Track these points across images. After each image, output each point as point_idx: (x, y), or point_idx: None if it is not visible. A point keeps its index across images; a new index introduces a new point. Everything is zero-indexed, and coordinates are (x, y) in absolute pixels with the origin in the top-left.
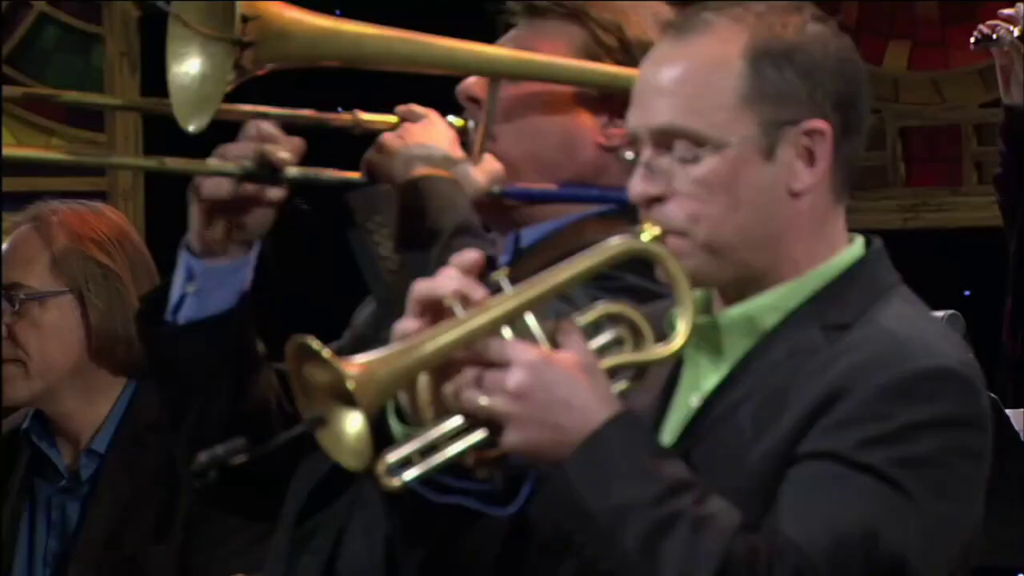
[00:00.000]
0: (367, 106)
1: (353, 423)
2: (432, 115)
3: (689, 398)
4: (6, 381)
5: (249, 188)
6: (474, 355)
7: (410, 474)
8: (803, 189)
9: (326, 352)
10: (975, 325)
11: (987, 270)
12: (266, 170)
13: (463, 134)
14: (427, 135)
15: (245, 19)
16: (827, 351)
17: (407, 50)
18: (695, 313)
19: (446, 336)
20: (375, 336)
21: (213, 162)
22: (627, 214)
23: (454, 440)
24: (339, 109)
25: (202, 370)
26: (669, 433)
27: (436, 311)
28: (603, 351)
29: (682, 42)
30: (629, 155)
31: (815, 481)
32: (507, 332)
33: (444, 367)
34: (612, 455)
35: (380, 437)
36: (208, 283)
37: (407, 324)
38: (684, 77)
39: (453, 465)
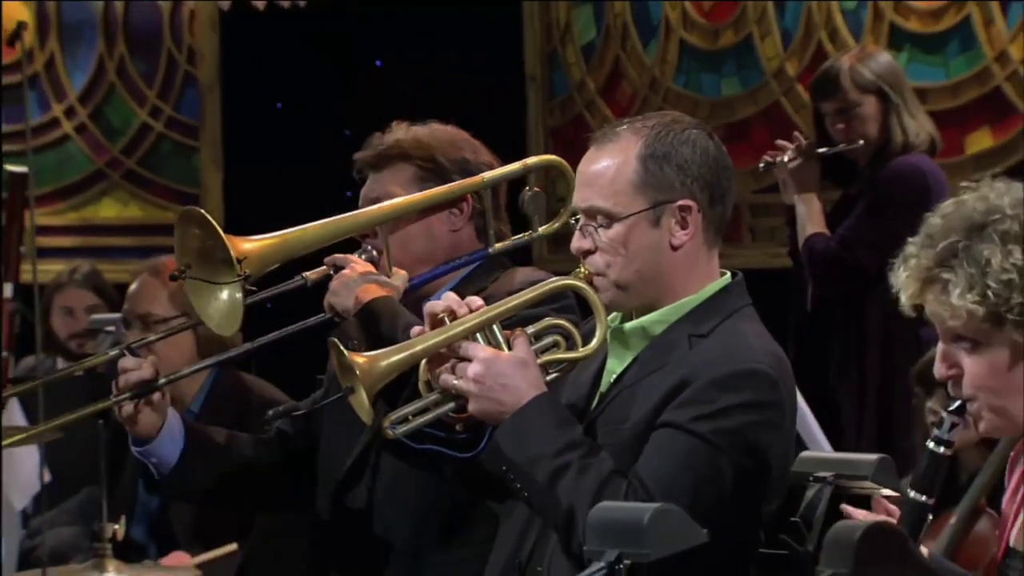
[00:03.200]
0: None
1: (363, 395)
2: (351, 259)
3: (608, 380)
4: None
5: (136, 404)
6: (453, 351)
7: (402, 428)
8: (679, 245)
9: (345, 351)
10: None
11: (757, 300)
12: (146, 387)
13: (373, 261)
14: (354, 274)
15: (239, 260)
16: (688, 353)
17: (332, 230)
18: (606, 325)
19: (433, 340)
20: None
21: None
22: (486, 265)
23: (436, 407)
24: (301, 276)
25: (193, 484)
26: (595, 401)
27: (436, 321)
28: (543, 350)
29: (600, 149)
30: (574, 221)
31: (662, 442)
32: (479, 337)
33: (437, 357)
34: (531, 423)
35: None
36: (161, 453)
37: (417, 328)
38: (599, 172)
39: (440, 422)
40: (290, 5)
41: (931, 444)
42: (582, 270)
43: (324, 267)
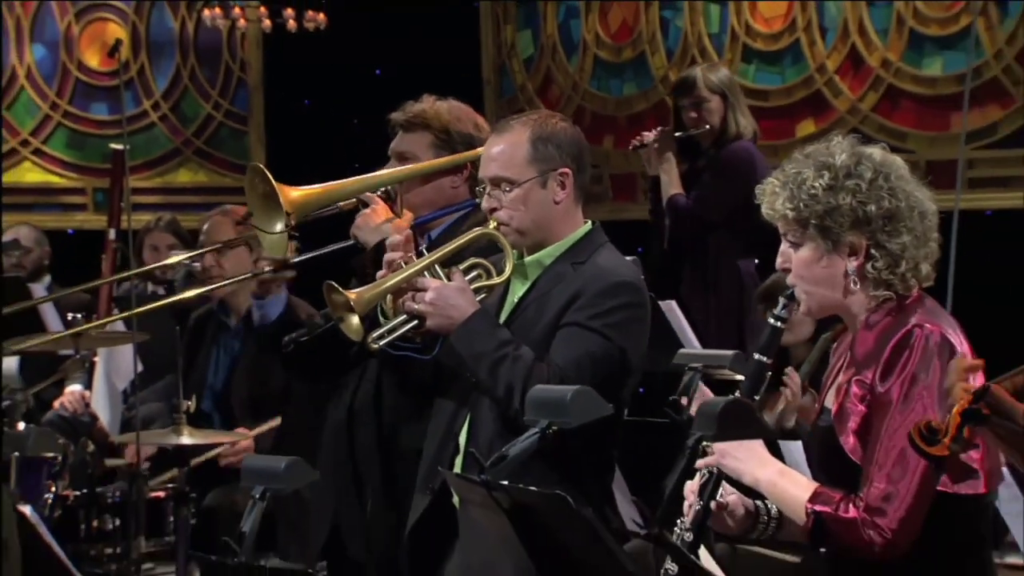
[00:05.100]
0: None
1: (354, 320)
2: (375, 199)
3: (512, 299)
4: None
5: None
6: (411, 285)
7: (382, 341)
8: (560, 201)
9: (339, 289)
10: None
11: (646, 239)
12: (281, 266)
13: (390, 198)
14: (376, 215)
15: (288, 214)
16: (573, 275)
17: (362, 184)
18: (513, 260)
19: (398, 277)
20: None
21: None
22: (472, 213)
23: (404, 325)
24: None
25: (282, 334)
26: (503, 317)
27: (394, 265)
28: (472, 280)
29: (500, 135)
30: (480, 188)
31: (567, 337)
32: (428, 273)
33: (399, 290)
34: (474, 329)
35: (376, 323)
36: (269, 310)
37: (382, 271)
38: (501, 151)
39: (405, 337)
40: (314, 28)
41: (771, 319)
42: (491, 223)
43: (354, 200)
